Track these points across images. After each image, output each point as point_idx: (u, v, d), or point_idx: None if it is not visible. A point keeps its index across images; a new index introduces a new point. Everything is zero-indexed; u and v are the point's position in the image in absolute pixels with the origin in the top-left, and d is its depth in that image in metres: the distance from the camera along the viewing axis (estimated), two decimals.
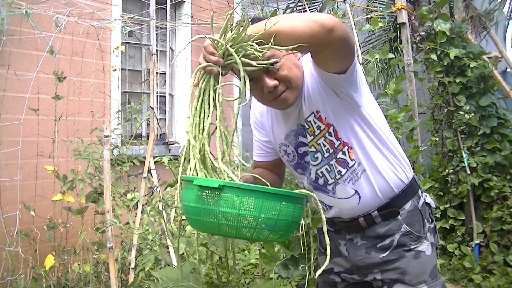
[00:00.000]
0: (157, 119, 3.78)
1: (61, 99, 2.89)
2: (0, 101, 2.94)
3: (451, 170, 3.72)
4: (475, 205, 3.65)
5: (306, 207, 2.11)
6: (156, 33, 3.84)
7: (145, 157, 2.92)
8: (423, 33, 3.75)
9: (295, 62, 1.26)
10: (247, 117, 1.35)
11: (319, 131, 1.31)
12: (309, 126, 1.32)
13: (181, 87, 4.50)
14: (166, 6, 4.07)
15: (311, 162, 1.36)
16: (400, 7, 3.46)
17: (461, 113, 3.62)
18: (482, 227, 3.58)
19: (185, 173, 1.13)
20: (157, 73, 3.83)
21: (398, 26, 3.58)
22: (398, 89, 2.89)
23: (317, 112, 1.29)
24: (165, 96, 4.45)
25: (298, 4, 5.01)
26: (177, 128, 4.51)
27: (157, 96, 4.04)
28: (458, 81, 3.65)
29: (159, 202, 2.32)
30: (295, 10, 4.95)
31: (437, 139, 3.83)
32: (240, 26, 1.06)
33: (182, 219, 1.73)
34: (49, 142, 2.96)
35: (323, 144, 1.32)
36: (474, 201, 3.65)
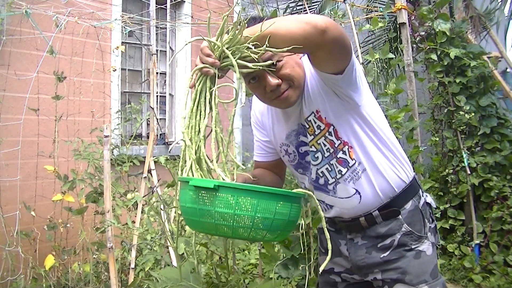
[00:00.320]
0: (157, 119, 3.78)
1: (61, 99, 2.89)
2: (0, 101, 2.94)
3: (451, 170, 3.72)
4: (475, 205, 3.65)
5: (306, 207, 2.11)
6: (156, 33, 3.84)
7: (145, 157, 2.92)
8: (423, 33, 3.75)
9: (297, 61, 1.27)
10: (247, 117, 1.35)
11: (319, 131, 1.31)
12: (309, 125, 1.32)
13: (181, 87, 4.50)
14: (166, 6, 4.07)
15: (311, 162, 1.36)
16: (400, 7, 3.45)
17: (461, 113, 3.62)
18: (482, 227, 3.58)
19: (182, 174, 1.13)
20: (157, 73, 3.83)
21: (398, 26, 3.57)
22: (398, 89, 2.89)
23: (317, 111, 1.29)
24: (165, 96, 4.45)
25: (298, 4, 5.01)
26: (177, 128, 4.51)
27: (157, 96, 4.04)
28: (458, 81, 3.65)
29: (157, 202, 2.32)
30: (295, 10, 4.95)
31: (437, 139, 3.83)
32: (236, 28, 1.06)
33: (181, 219, 1.73)
34: (49, 142, 2.96)
35: (323, 144, 1.32)
36: (474, 201, 3.65)
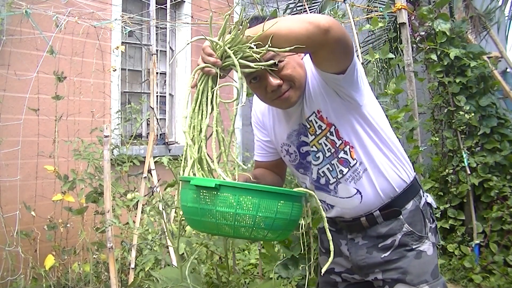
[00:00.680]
0: (157, 119, 3.78)
1: (61, 99, 2.89)
2: (0, 101, 2.94)
3: (451, 170, 3.72)
4: (475, 205, 3.65)
5: (306, 207, 2.11)
6: (156, 33, 3.84)
7: (145, 157, 2.92)
8: (423, 33, 3.75)
9: (298, 62, 1.27)
10: (247, 117, 1.35)
11: (320, 131, 1.31)
12: (310, 125, 1.32)
13: (181, 87, 4.50)
14: (166, 6, 4.07)
15: (312, 162, 1.36)
16: (400, 7, 3.45)
17: (461, 113, 3.62)
18: (482, 227, 3.58)
19: (183, 174, 1.13)
20: (157, 73, 3.83)
21: (398, 26, 3.57)
22: (398, 89, 2.88)
23: (318, 111, 1.29)
24: (165, 96, 4.45)
25: (298, 4, 5.01)
26: (177, 128, 4.50)
27: (157, 96, 4.04)
28: (458, 81, 3.65)
29: (159, 202, 2.32)
30: (295, 10, 4.95)
31: (437, 139, 3.83)
32: (238, 28, 1.06)
33: (182, 219, 1.73)
34: (49, 142, 2.96)
35: (324, 144, 1.32)
36: (474, 201, 3.65)
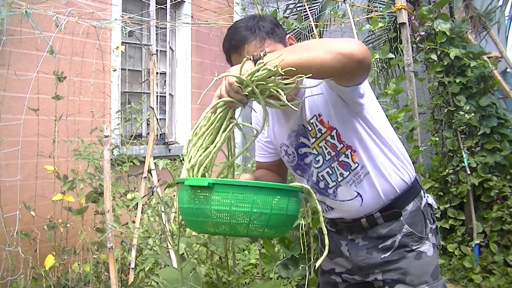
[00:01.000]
0: (157, 119, 3.78)
1: (61, 99, 2.89)
2: (0, 101, 2.94)
3: (451, 170, 3.71)
4: (475, 205, 3.65)
5: (306, 207, 2.11)
6: (156, 33, 3.84)
7: (145, 157, 2.92)
8: (423, 33, 3.75)
9: None
10: (247, 117, 1.35)
11: (320, 134, 1.30)
12: (311, 128, 1.32)
13: (181, 87, 4.50)
14: (166, 6, 4.07)
15: (313, 165, 1.36)
16: (400, 7, 3.45)
17: (461, 113, 3.62)
18: (482, 227, 3.58)
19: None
20: (157, 73, 3.83)
21: (398, 26, 3.57)
22: (398, 89, 2.88)
23: (319, 115, 1.29)
24: (165, 96, 4.45)
25: (298, 4, 5.01)
26: (177, 128, 4.50)
27: (157, 96, 4.04)
28: (458, 81, 3.65)
29: (158, 203, 2.31)
30: (295, 10, 4.95)
31: (437, 139, 3.83)
32: (264, 68, 1.05)
33: (181, 219, 1.73)
34: (49, 142, 2.96)
35: (324, 147, 1.31)
36: (474, 201, 3.64)
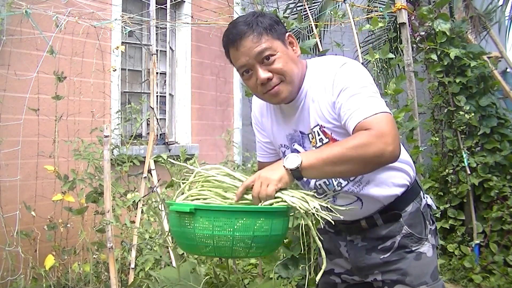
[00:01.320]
0: (157, 119, 3.78)
1: (61, 99, 2.89)
2: (0, 101, 2.94)
3: (451, 170, 3.71)
4: (475, 205, 3.65)
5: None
6: (156, 33, 3.83)
7: (145, 157, 2.92)
8: (423, 33, 3.75)
9: (292, 57, 1.24)
10: (247, 117, 1.34)
11: (321, 144, 1.28)
12: (313, 136, 1.30)
13: (181, 87, 4.50)
14: (166, 6, 4.07)
15: None
16: (400, 7, 3.45)
17: (461, 113, 3.62)
18: (482, 227, 3.58)
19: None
20: (157, 73, 3.83)
21: (398, 26, 3.57)
22: (398, 89, 2.88)
23: (322, 126, 1.27)
24: (165, 96, 4.45)
25: (298, 4, 5.01)
26: (177, 128, 4.50)
27: (157, 96, 4.04)
28: (458, 81, 3.65)
29: (156, 203, 2.31)
30: (295, 10, 4.95)
31: (437, 139, 3.83)
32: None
33: None
34: (49, 142, 2.95)
35: None
36: (474, 201, 3.64)
